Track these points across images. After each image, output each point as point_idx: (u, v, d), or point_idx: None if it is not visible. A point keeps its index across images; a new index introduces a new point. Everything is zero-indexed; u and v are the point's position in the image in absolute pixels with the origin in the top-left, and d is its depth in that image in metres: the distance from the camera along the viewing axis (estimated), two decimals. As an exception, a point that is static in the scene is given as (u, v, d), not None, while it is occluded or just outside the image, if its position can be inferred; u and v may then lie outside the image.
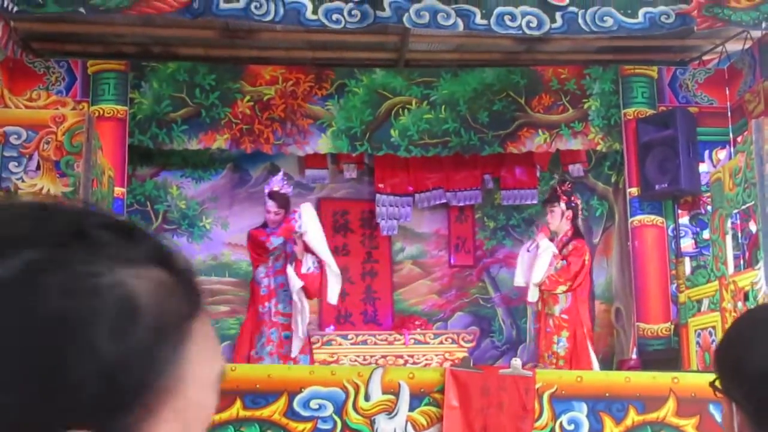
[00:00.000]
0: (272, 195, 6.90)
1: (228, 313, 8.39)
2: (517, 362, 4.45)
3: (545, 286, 6.73)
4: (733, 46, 7.63)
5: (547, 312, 6.79)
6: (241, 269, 8.24)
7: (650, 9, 5.23)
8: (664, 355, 6.93)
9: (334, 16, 5.11)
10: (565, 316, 6.73)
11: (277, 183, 7.03)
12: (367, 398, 4.30)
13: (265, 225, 6.97)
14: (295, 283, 6.63)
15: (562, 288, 6.72)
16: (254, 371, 4.52)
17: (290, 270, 6.69)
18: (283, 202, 6.90)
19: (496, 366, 5.06)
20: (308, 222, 6.66)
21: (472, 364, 5.45)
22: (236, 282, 8.37)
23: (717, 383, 1.56)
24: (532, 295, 6.83)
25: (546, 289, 6.76)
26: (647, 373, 4.64)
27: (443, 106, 7.96)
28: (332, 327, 8.53)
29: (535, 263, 6.75)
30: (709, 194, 7.17)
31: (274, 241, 6.85)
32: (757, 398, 1.45)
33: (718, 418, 4.31)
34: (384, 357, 7.54)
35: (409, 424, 4.31)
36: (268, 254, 6.90)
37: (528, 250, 6.92)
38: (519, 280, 7.09)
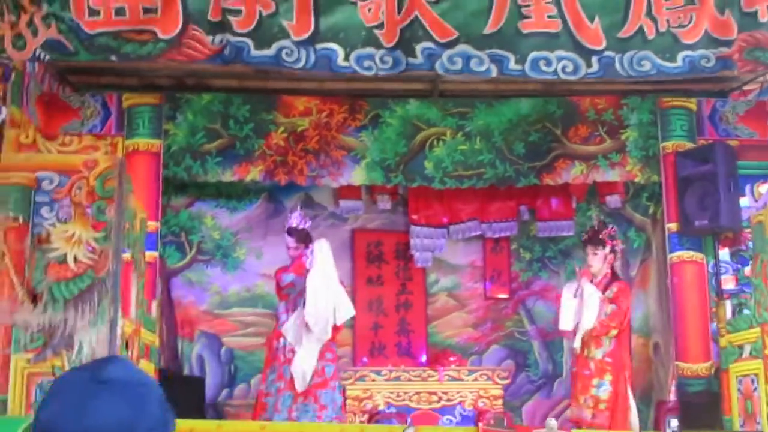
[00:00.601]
0: (290, 231, 6.87)
1: (261, 345, 8.33)
2: (552, 423, 4.33)
3: (596, 331, 6.56)
4: (776, 77, 7.46)
5: (587, 355, 6.61)
6: (275, 301, 8.16)
7: (690, 52, 5.07)
8: (705, 399, 6.75)
9: (366, 63, 5.03)
10: (608, 359, 6.57)
11: (295, 218, 6.99)
12: (399, 458, 4.21)
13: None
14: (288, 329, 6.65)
15: (613, 332, 6.57)
16: (285, 429, 4.44)
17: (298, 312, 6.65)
18: (302, 237, 6.89)
19: (530, 426, 4.91)
20: (317, 259, 6.56)
21: (505, 424, 5.35)
22: (269, 314, 8.27)
23: None
24: (578, 342, 6.65)
25: (597, 335, 6.59)
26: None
27: (478, 137, 7.84)
28: (365, 359, 8.45)
29: (582, 309, 6.59)
30: (750, 229, 6.99)
31: (285, 278, 6.87)
32: None
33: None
34: (417, 393, 7.47)
35: (441, 484, 4.22)
36: (282, 291, 6.87)
37: (574, 296, 6.71)
38: (566, 325, 6.82)
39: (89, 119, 7.52)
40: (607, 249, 6.78)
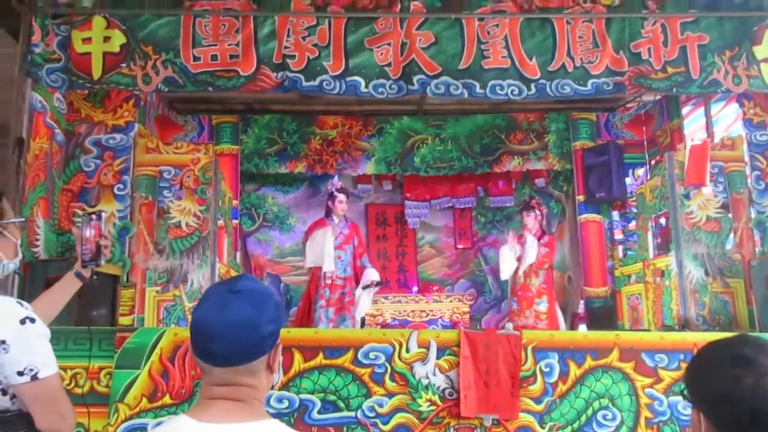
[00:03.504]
0: (341, 190, 6.47)
1: (305, 281, 8.28)
2: (509, 326, 4.33)
3: (535, 265, 6.48)
4: (648, 97, 7.43)
5: (528, 283, 6.55)
6: (316, 252, 8.12)
7: (596, 80, 5.02)
8: (604, 311, 6.79)
9: (380, 90, 4.95)
10: (544, 286, 6.52)
11: (339, 182, 6.60)
12: (407, 351, 4.20)
13: (328, 214, 6.36)
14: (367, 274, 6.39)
15: (546, 266, 6.51)
16: (332, 333, 4.42)
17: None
18: (347, 192, 6.51)
19: (495, 328, 4.90)
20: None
21: (479, 327, 5.38)
22: (312, 261, 8.24)
23: (687, 393, 1.44)
24: (521, 271, 6.50)
25: (536, 267, 6.49)
26: (598, 332, 4.50)
27: (449, 141, 7.80)
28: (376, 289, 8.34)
29: (525, 251, 6.47)
30: (633, 199, 6.99)
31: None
32: (717, 414, 1.34)
33: (649, 362, 4.17)
34: (413, 311, 7.45)
35: (436, 368, 4.21)
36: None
37: (510, 249, 6.56)
38: (506, 275, 6.60)
39: (190, 132, 7.47)
40: (537, 213, 6.73)
